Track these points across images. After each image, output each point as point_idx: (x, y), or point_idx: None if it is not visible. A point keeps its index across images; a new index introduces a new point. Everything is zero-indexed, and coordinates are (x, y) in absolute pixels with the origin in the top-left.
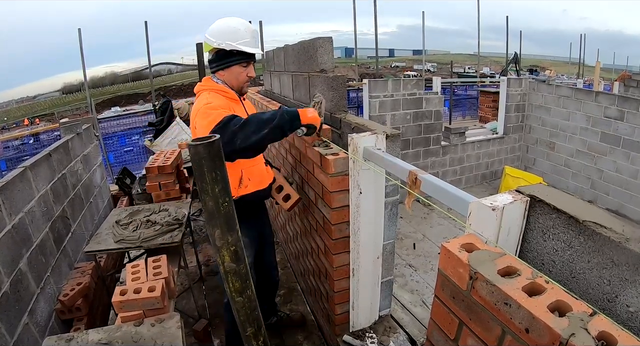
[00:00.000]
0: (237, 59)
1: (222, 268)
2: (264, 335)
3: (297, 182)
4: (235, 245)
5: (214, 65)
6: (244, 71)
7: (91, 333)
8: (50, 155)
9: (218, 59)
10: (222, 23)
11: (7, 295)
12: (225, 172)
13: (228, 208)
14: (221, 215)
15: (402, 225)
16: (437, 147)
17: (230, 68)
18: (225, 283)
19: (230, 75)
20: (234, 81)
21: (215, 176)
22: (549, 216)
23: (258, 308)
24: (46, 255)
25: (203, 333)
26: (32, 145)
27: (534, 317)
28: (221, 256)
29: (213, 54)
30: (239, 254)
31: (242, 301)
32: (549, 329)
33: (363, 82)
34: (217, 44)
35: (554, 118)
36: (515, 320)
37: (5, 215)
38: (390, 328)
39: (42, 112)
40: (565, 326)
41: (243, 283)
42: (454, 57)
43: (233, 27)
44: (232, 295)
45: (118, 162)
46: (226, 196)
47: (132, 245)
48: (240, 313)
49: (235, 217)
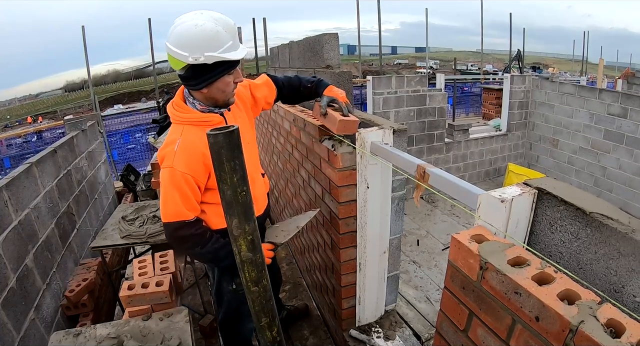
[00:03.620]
0: (222, 70)
1: (238, 257)
2: (277, 325)
3: (304, 177)
4: (252, 234)
5: (192, 84)
6: (231, 79)
7: (99, 328)
8: (56, 151)
9: (197, 75)
10: (191, 28)
11: (14, 290)
12: (243, 161)
13: (246, 197)
14: (239, 204)
15: (406, 221)
16: (441, 143)
17: (215, 83)
18: (241, 273)
19: (215, 91)
20: (219, 96)
21: (234, 165)
22: (556, 208)
23: (273, 298)
24: (52, 251)
25: (209, 329)
26: (35, 143)
27: (544, 305)
28: (238, 245)
29: (188, 70)
30: (255, 243)
31: (257, 291)
32: (559, 317)
33: (367, 79)
34: (193, 59)
35: (558, 116)
36: (526, 308)
37: (12, 211)
38: (396, 322)
39: (45, 110)
40: (574, 313)
41: (259, 272)
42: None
43: (210, 31)
44: (247, 284)
45: (122, 159)
46: (244, 185)
47: (139, 241)
48: (256, 303)
49: (252, 206)
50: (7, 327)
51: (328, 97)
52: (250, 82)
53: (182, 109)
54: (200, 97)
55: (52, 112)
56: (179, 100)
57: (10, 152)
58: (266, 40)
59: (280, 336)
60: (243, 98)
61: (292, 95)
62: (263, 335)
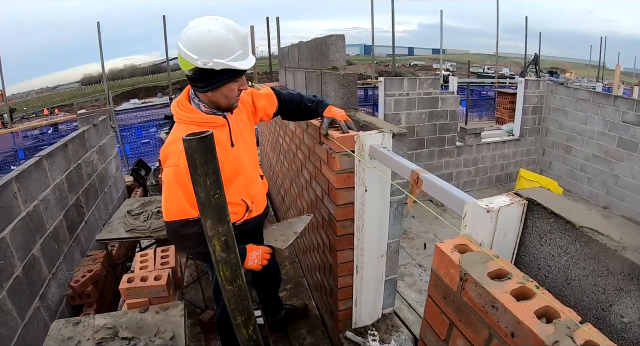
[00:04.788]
0: (227, 77)
1: (213, 257)
2: (253, 324)
3: (306, 178)
4: (225, 235)
5: (198, 86)
6: (235, 87)
7: (98, 318)
8: (67, 145)
9: (204, 78)
10: (204, 33)
11: (20, 279)
12: (217, 165)
13: (219, 199)
14: (212, 206)
15: (414, 224)
16: (452, 147)
17: (220, 89)
18: (217, 272)
19: (219, 96)
20: (222, 101)
21: (207, 169)
22: (546, 220)
23: (249, 297)
24: (59, 242)
25: (209, 324)
26: (50, 135)
27: (519, 322)
28: (212, 245)
29: (195, 72)
30: (229, 244)
31: (232, 290)
32: (534, 335)
33: (379, 80)
34: (202, 63)
35: (571, 122)
36: (502, 323)
37: (21, 202)
38: (393, 326)
39: (62, 102)
40: (550, 333)
41: (233, 272)
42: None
43: (221, 39)
44: (223, 283)
45: (134, 153)
46: (217, 188)
47: (143, 235)
48: (231, 302)
49: (226, 208)
50: (11, 314)
51: (328, 119)
52: (253, 91)
53: (187, 109)
54: (205, 99)
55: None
56: (184, 100)
57: (25, 143)
58: (279, 39)
59: (256, 334)
60: (245, 105)
61: (292, 112)
62: (239, 333)
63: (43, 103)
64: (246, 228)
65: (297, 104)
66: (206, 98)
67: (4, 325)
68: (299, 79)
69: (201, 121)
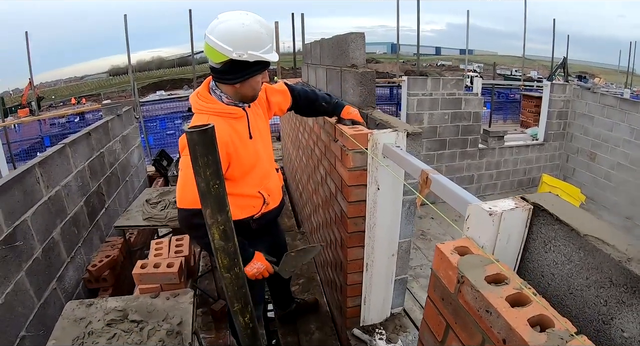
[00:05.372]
0: (257, 69)
1: (212, 245)
2: (250, 312)
3: (322, 174)
4: (224, 224)
5: (228, 78)
6: (261, 78)
7: (110, 301)
8: (90, 134)
9: (234, 70)
10: (238, 26)
11: (39, 260)
12: (217, 157)
13: (218, 190)
14: (212, 196)
15: (432, 226)
16: (474, 149)
17: (249, 80)
18: (216, 260)
19: (247, 87)
20: (249, 92)
21: (207, 160)
22: (551, 227)
23: (246, 286)
24: (79, 227)
25: (220, 313)
26: (77, 123)
27: (511, 328)
28: (211, 234)
29: (226, 65)
30: (227, 233)
31: (230, 277)
32: (524, 343)
33: (402, 79)
34: (237, 55)
35: (597, 128)
36: (495, 329)
37: (43, 187)
38: (401, 326)
39: (89, 92)
40: (542, 342)
41: (231, 260)
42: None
43: (256, 32)
44: (221, 271)
45: (158, 144)
46: (217, 179)
47: (159, 223)
48: (229, 289)
49: (225, 198)
50: (28, 293)
51: (349, 120)
52: (267, 86)
53: (208, 100)
54: (230, 91)
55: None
56: (204, 91)
57: (52, 131)
58: (303, 36)
59: (253, 322)
60: (260, 99)
61: (307, 108)
62: (236, 319)
63: (71, 92)
64: (263, 221)
65: (311, 102)
66: (232, 90)
67: (21, 303)
68: (320, 76)
69: (222, 111)
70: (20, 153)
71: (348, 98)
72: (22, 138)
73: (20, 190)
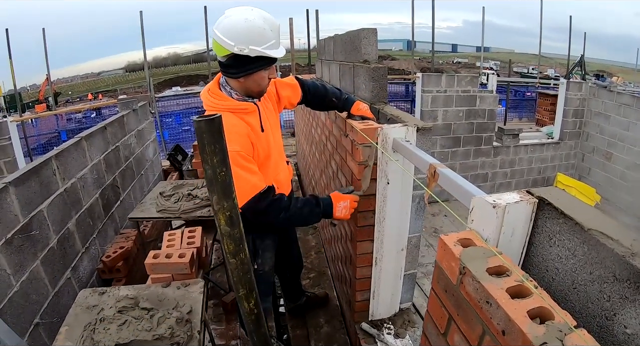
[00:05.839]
0: (261, 65)
1: (219, 230)
2: (255, 298)
3: (334, 169)
4: (230, 210)
5: (232, 72)
6: (266, 74)
7: (123, 289)
8: (106, 128)
9: (238, 64)
10: (241, 21)
11: (54, 250)
12: (224, 145)
13: (225, 177)
14: (218, 182)
15: (445, 223)
16: (489, 147)
17: (252, 75)
18: (222, 245)
19: (251, 82)
20: (254, 87)
21: (214, 148)
22: (555, 221)
23: (251, 272)
24: (94, 218)
25: (230, 305)
26: (93, 119)
27: (510, 319)
28: (218, 219)
29: (230, 59)
30: (233, 219)
31: (235, 263)
32: (522, 334)
33: (417, 76)
34: (238, 49)
35: (613, 127)
36: (495, 320)
37: (59, 179)
38: (410, 321)
39: (105, 88)
40: (540, 334)
41: (237, 246)
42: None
43: (258, 28)
44: (226, 256)
45: (173, 139)
46: (223, 166)
47: (172, 216)
48: (234, 274)
49: (231, 185)
50: (43, 282)
51: (359, 116)
52: (277, 80)
53: (220, 97)
54: (237, 86)
55: (112, 90)
56: (215, 88)
57: (69, 126)
58: (318, 32)
59: (258, 308)
60: (270, 93)
61: (316, 103)
62: (241, 305)
63: (87, 88)
64: None
65: (321, 97)
66: (238, 84)
67: (35, 291)
68: (334, 72)
69: (235, 108)
70: (37, 147)
71: (360, 94)
72: (40, 132)
73: (37, 181)
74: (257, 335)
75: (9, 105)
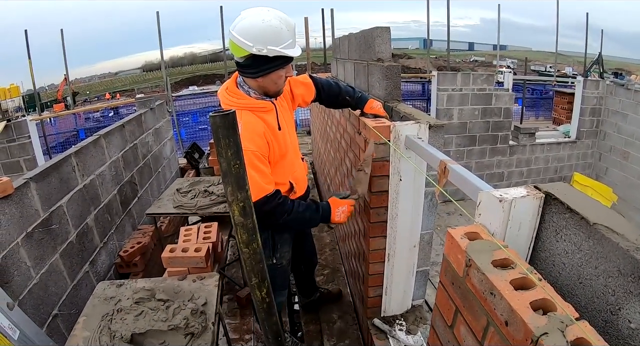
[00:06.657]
0: (278, 64)
1: (232, 220)
2: (267, 287)
3: (348, 166)
4: (244, 201)
5: (250, 72)
6: (283, 73)
7: (140, 282)
8: (124, 126)
9: (256, 65)
10: (258, 22)
11: (73, 244)
12: (238, 139)
13: (239, 169)
14: (232, 175)
15: (460, 222)
16: (505, 146)
17: (270, 74)
18: (235, 235)
19: (269, 82)
20: (271, 86)
21: (228, 142)
22: (562, 215)
23: (264, 261)
24: (112, 214)
25: (245, 300)
26: (111, 117)
27: (512, 310)
28: (232, 210)
29: (248, 59)
30: (247, 210)
31: (248, 252)
32: (524, 324)
33: (432, 74)
34: (256, 50)
35: (631, 126)
36: (498, 311)
37: (78, 175)
38: (422, 318)
39: (123, 87)
40: (541, 324)
41: (250, 236)
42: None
43: (275, 28)
44: (240, 245)
45: (190, 137)
46: (237, 159)
47: (189, 211)
48: (247, 263)
49: (245, 177)
50: (62, 274)
51: (371, 114)
52: (291, 78)
53: (238, 95)
54: (255, 86)
55: (129, 89)
56: (232, 86)
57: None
58: (333, 31)
59: (269, 297)
60: (285, 91)
61: (330, 101)
62: (253, 294)
63: (105, 87)
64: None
65: (334, 95)
66: (256, 84)
67: (54, 283)
68: (348, 70)
69: (254, 106)
70: (56, 146)
71: (374, 92)
72: (58, 131)
73: (56, 177)
74: (268, 323)
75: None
